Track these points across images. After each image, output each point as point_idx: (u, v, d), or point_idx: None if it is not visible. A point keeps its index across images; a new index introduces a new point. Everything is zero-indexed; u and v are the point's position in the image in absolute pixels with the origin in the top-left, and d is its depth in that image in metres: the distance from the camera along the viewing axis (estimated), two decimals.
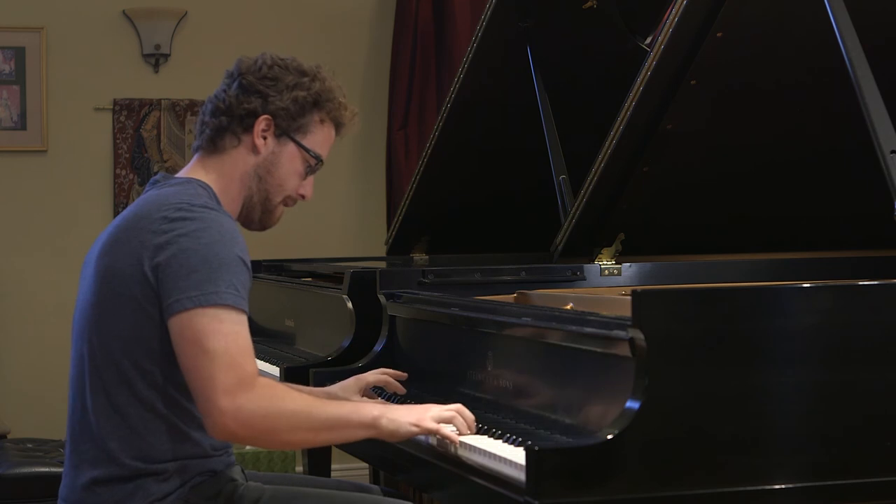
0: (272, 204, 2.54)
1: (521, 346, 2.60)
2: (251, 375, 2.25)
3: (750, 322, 2.22)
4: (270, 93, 2.48)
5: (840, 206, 3.41)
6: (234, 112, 2.47)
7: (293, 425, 2.29)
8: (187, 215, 2.33)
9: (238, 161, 2.49)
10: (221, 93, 2.50)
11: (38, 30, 5.43)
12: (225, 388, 2.21)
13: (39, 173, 5.46)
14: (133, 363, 2.32)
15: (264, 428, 2.26)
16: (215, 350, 2.23)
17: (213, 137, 2.49)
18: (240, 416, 2.22)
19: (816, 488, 2.21)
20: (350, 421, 2.35)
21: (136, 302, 2.32)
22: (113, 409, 2.34)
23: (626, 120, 3.08)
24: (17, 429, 4.89)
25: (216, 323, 2.24)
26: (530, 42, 3.78)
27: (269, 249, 4.74)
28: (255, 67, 2.50)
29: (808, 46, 3.02)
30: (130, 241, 2.35)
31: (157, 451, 2.34)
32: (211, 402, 2.22)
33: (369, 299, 3.19)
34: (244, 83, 2.48)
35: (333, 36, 5.79)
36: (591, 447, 2.10)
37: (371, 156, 5.81)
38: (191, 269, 2.27)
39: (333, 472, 3.94)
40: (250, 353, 2.27)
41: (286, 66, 2.51)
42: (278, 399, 2.28)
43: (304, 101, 2.49)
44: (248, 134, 2.48)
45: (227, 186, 2.48)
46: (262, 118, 2.48)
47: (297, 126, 2.50)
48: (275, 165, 2.50)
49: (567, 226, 3.30)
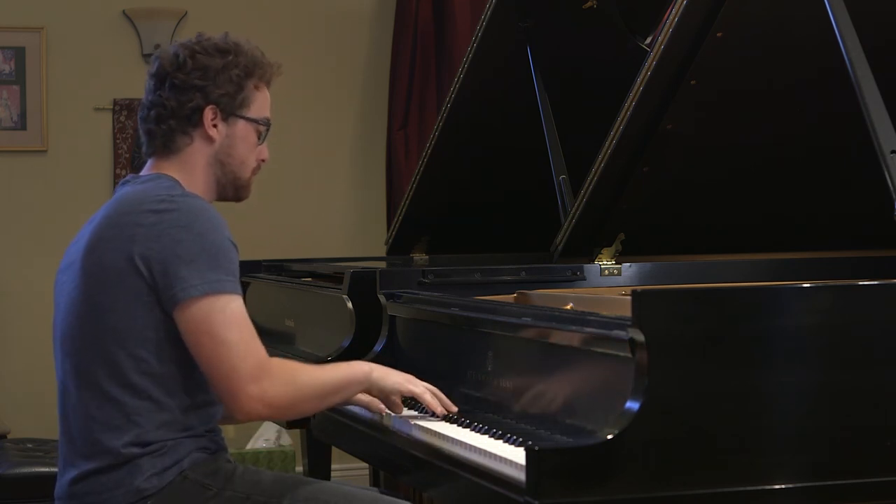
0: (242, 181, 2.60)
1: (521, 346, 2.60)
2: (266, 358, 2.39)
3: (750, 322, 2.22)
4: (205, 83, 2.51)
5: (840, 206, 3.41)
6: (179, 113, 2.52)
7: (308, 395, 2.46)
8: (171, 206, 2.40)
9: (196, 155, 2.54)
10: (157, 97, 2.53)
11: (38, 30, 5.43)
12: (249, 376, 2.35)
13: (39, 173, 5.46)
14: (128, 353, 2.38)
15: (286, 404, 2.42)
16: (231, 340, 2.35)
17: (166, 142, 2.53)
18: (265, 398, 2.37)
19: (816, 488, 2.20)
20: (349, 380, 2.56)
21: (130, 294, 2.37)
22: (106, 402, 2.39)
23: (626, 120, 3.08)
24: (17, 429, 4.88)
25: (225, 312, 2.36)
26: (530, 42, 3.78)
27: (269, 249, 4.75)
28: (179, 63, 2.52)
29: (808, 46, 3.02)
30: (117, 237, 2.40)
31: (153, 435, 2.39)
32: (238, 389, 2.36)
33: (369, 299, 3.19)
34: (176, 83, 2.51)
35: (333, 36, 5.79)
36: (591, 447, 2.10)
37: (371, 156, 5.81)
38: (189, 258, 2.35)
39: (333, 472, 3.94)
40: (256, 335, 2.40)
41: (205, 49, 2.54)
42: (293, 375, 2.43)
43: (238, 77, 2.54)
44: (199, 128, 2.53)
45: (192, 180, 2.53)
46: (208, 109, 2.52)
47: (239, 103, 2.55)
48: (232, 147, 2.56)
49: (567, 226, 3.30)
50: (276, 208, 5.57)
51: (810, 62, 3.06)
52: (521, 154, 3.94)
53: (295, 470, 5.09)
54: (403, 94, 5.67)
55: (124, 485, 2.37)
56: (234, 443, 5.27)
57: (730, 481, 2.17)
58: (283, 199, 5.62)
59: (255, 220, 5.28)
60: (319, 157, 5.75)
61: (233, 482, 2.43)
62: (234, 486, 2.42)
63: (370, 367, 2.60)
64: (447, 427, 2.55)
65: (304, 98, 5.67)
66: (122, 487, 2.37)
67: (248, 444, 5.33)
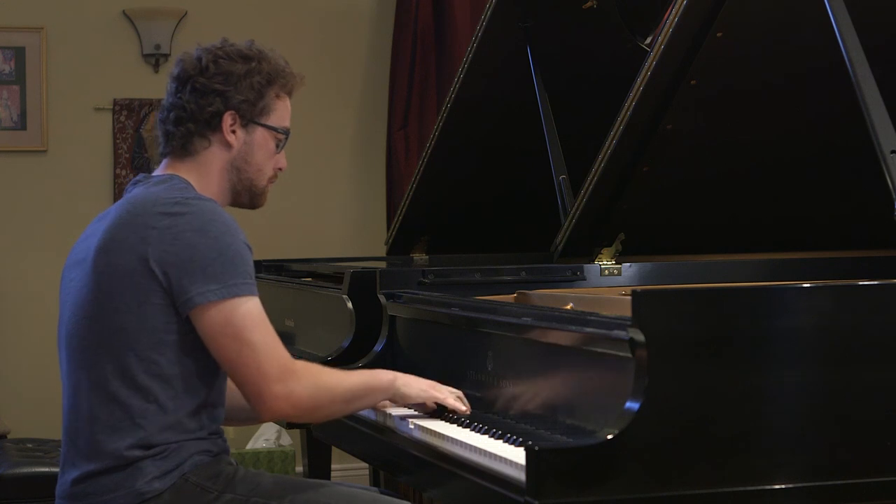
0: (259, 189, 2.61)
1: (522, 346, 2.60)
2: (290, 359, 2.42)
3: (750, 322, 2.22)
4: (227, 88, 2.51)
5: (840, 206, 3.41)
6: (199, 117, 2.51)
7: (331, 398, 2.48)
8: (184, 209, 2.39)
9: (213, 159, 2.54)
10: (177, 100, 2.53)
11: (38, 30, 5.43)
12: (276, 377, 2.38)
13: (39, 173, 5.46)
14: (137, 355, 2.37)
15: (311, 406, 2.44)
16: (256, 342, 2.37)
17: (184, 144, 2.53)
18: (292, 399, 2.39)
19: (816, 488, 2.20)
20: (373, 387, 2.57)
21: (141, 295, 2.37)
22: (113, 403, 2.38)
23: (626, 120, 3.08)
24: (17, 429, 4.89)
25: (247, 315, 2.38)
26: (530, 42, 3.78)
27: (269, 249, 4.74)
28: (202, 67, 2.52)
29: (808, 46, 3.02)
30: (129, 238, 2.39)
31: (157, 437, 2.38)
32: (265, 391, 2.38)
33: (369, 299, 3.19)
34: (198, 86, 2.51)
35: (333, 36, 5.79)
36: (591, 447, 2.10)
37: (371, 156, 5.81)
38: (206, 262, 2.36)
39: (333, 472, 3.95)
40: (277, 336, 2.42)
41: (228, 55, 2.54)
42: (319, 378, 2.46)
43: (260, 85, 2.54)
44: (217, 133, 2.53)
45: (206, 183, 2.53)
46: (227, 115, 2.52)
47: (259, 110, 2.55)
48: (249, 154, 2.56)
49: (567, 226, 3.30)
50: (276, 208, 5.54)
51: (810, 62, 3.06)
52: (521, 154, 3.94)
53: (295, 470, 5.09)
54: (403, 94, 5.67)
55: (125, 487, 2.37)
56: (235, 443, 5.27)
57: (729, 481, 2.17)
58: (283, 199, 5.61)
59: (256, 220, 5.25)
60: (319, 157, 5.75)
61: (233, 485, 2.43)
62: (235, 489, 2.42)
63: (394, 376, 2.61)
64: (447, 427, 2.55)
65: (304, 98, 5.64)
66: (123, 489, 2.37)
67: (249, 444, 5.33)
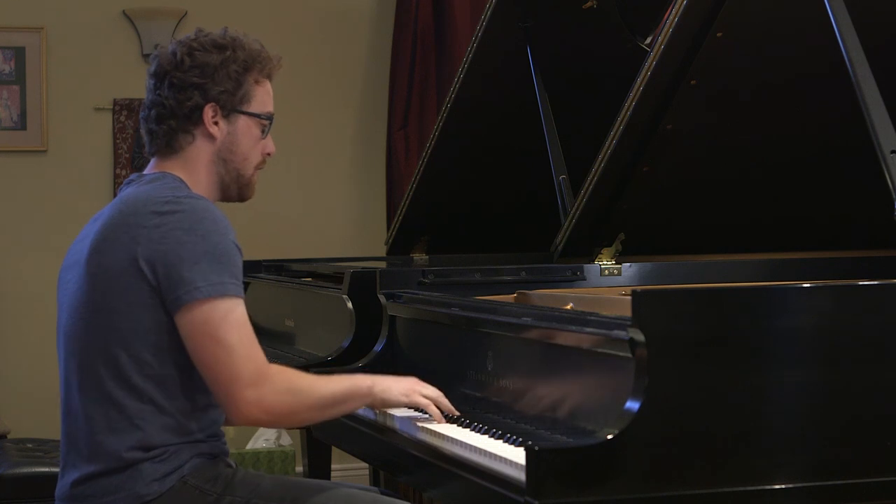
0: (246, 178, 2.59)
1: (522, 346, 2.60)
2: (265, 363, 2.38)
3: (750, 322, 2.22)
4: (204, 81, 2.50)
5: (840, 206, 3.41)
6: (179, 113, 2.50)
7: (306, 405, 2.43)
8: (176, 208, 2.39)
9: (199, 153, 2.53)
10: (157, 97, 2.52)
11: (38, 30, 5.43)
12: (248, 381, 2.34)
13: (39, 173, 5.46)
14: (131, 356, 2.37)
15: (284, 412, 2.40)
16: (231, 343, 2.34)
17: (168, 142, 2.52)
18: (263, 404, 2.36)
19: (816, 488, 2.20)
20: (351, 394, 2.51)
21: (133, 296, 2.36)
22: (108, 404, 2.38)
23: (626, 120, 3.08)
24: (17, 429, 4.88)
25: (228, 315, 2.34)
26: (530, 42, 3.78)
27: (269, 249, 4.75)
28: (177, 61, 2.51)
29: (808, 46, 3.02)
30: (121, 238, 2.39)
31: (155, 439, 2.38)
32: (236, 394, 2.34)
33: (369, 299, 3.19)
34: (175, 82, 2.50)
35: (333, 36, 5.79)
36: (591, 447, 2.10)
37: (371, 156, 5.81)
38: (193, 260, 2.34)
39: (333, 472, 3.95)
40: (256, 340, 2.39)
41: (202, 46, 2.52)
42: (293, 384, 2.41)
43: (237, 73, 2.52)
44: (200, 126, 2.52)
45: (196, 178, 2.52)
46: (208, 107, 2.51)
47: (239, 99, 2.53)
48: (234, 143, 2.54)
49: (567, 226, 3.30)
50: (276, 208, 5.57)
51: (810, 62, 3.06)
52: (521, 154, 3.94)
53: (295, 470, 5.09)
54: (403, 94, 5.67)
55: (125, 489, 2.36)
56: (234, 443, 5.27)
57: (729, 481, 2.16)
58: (283, 199, 5.62)
59: (256, 220, 5.27)
60: (319, 157, 5.75)
61: (232, 487, 2.42)
62: (234, 491, 2.41)
63: (372, 381, 2.55)
64: (447, 427, 2.55)
65: (304, 98, 5.67)
66: (123, 492, 2.36)
67: (248, 444, 5.33)
